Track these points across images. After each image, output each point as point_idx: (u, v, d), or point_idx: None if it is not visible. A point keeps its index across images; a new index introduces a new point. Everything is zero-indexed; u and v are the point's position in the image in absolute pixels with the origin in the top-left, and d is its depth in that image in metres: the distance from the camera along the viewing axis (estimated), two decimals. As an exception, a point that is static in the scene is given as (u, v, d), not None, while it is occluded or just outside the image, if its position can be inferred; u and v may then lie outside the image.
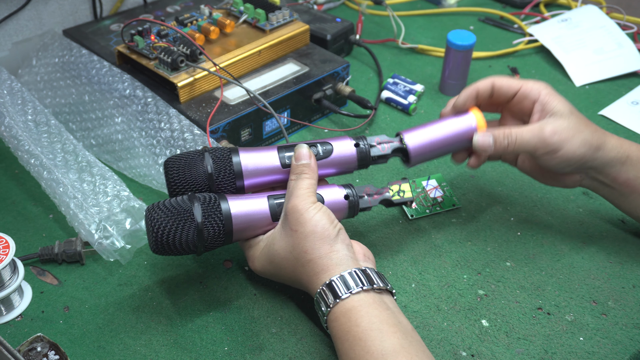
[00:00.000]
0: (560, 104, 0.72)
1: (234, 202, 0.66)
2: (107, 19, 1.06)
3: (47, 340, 0.62)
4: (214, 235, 0.65)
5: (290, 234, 0.64)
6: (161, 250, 0.64)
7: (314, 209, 0.64)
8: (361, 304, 0.59)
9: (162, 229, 0.63)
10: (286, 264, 0.65)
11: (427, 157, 0.75)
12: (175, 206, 0.64)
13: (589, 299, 0.72)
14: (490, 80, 0.75)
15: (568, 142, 0.70)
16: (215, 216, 0.65)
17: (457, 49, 1.00)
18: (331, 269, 0.62)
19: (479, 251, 0.77)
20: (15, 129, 0.82)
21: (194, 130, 0.82)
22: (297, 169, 0.67)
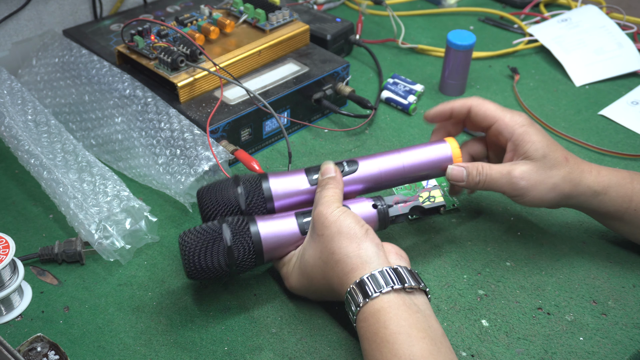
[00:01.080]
0: (533, 147, 0.70)
1: (262, 222, 0.67)
2: (107, 19, 1.06)
3: (47, 340, 0.62)
4: (245, 255, 0.66)
5: (317, 239, 0.64)
6: (195, 273, 0.66)
7: (339, 211, 0.64)
8: (390, 305, 0.58)
9: (192, 251, 0.65)
10: (317, 272, 0.64)
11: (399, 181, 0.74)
12: (205, 229, 0.66)
13: (589, 299, 0.72)
14: (468, 104, 0.74)
15: (535, 188, 0.70)
16: (244, 235, 0.66)
17: (457, 49, 1.00)
18: (360, 267, 0.60)
19: (479, 251, 0.77)
20: (15, 129, 0.82)
21: (194, 130, 0.82)
22: (323, 182, 0.68)
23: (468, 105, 0.74)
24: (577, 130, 0.97)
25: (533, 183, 0.69)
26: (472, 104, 0.74)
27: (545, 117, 0.99)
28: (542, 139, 0.70)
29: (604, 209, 0.72)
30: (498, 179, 0.70)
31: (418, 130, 0.97)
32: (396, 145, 0.94)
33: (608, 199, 0.71)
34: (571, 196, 0.71)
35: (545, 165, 0.70)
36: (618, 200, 0.71)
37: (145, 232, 0.76)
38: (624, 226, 0.73)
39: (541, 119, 0.99)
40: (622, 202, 0.71)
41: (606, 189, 0.71)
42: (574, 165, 0.71)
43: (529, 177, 0.69)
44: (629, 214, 0.71)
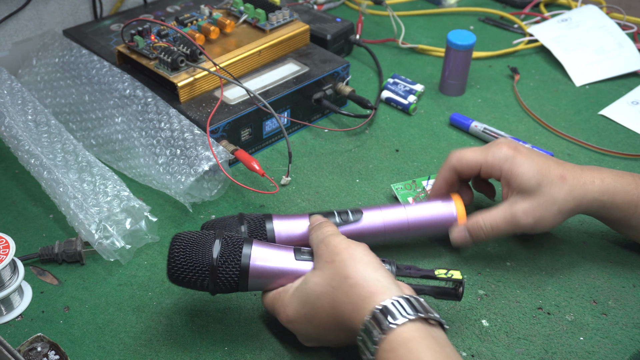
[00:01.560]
0: (524, 178, 0.68)
1: (257, 247, 0.63)
2: (107, 19, 1.06)
3: (47, 340, 0.62)
4: (228, 277, 0.62)
5: (327, 265, 0.59)
6: (176, 281, 0.63)
7: (347, 241, 0.60)
8: (421, 334, 0.52)
9: (178, 261, 0.62)
10: (324, 300, 0.58)
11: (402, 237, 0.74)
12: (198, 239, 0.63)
13: (589, 299, 0.72)
14: (452, 169, 0.73)
15: (542, 220, 0.69)
16: (234, 255, 0.62)
17: (457, 49, 1.00)
18: (380, 292, 0.55)
19: (479, 251, 0.77)
20: (15, 129, 0.82)
21: (194, 130, 0.82)
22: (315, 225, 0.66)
23: (452, 167, 0.73)
24: (577, 130, 0.97)
25: (538, 217, 0.69)
26: (454, 165, 0.73)
27: (545, 117, 0.99)
28: (532, 167, 0.69)
29: (611, 216, 0.71)
30: (503, 227, 0.70)
31: (418, 130, 0.97)
32: (396, 144, 0.94)
33: (615, 207, 0.70)
34: (577, 211, 0.70)
35: (544, 194, 0.68)
36: (624, 207, 0.70)
37: (146, 232, 0.76)
38: (630, 231, 0.73)
39: (541, 119, 0.99)
40: (628, 208, 0.70)
41: (612, 198, 0.69)
42: (573, 181, 0.69)
43: (533, 214, 0.69)
44: (636, 219, 0.71)
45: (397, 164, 0.90)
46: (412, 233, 0.74)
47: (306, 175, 0.88)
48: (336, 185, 0.86)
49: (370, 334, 0.54)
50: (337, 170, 0.89)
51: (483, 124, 0.95)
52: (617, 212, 0.71)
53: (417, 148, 0.93)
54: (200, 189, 0.82)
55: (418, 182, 0.85)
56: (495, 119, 0.99)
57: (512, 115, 1.00)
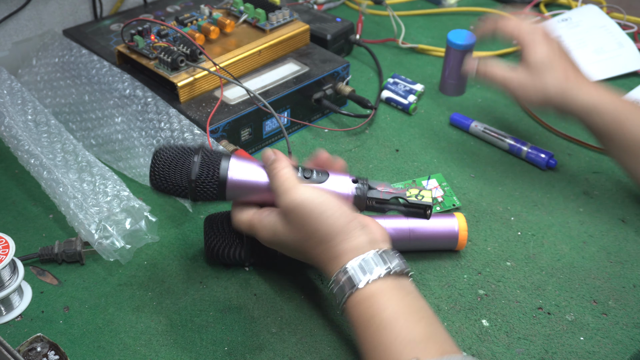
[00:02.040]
0: (532, 53, 0.79)
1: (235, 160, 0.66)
2: (107, 18, 1.06)
3: (47, 340, 0.62)
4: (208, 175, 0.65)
5: (297, 229, 0.62)
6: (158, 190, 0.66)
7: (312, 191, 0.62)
8: (383, 289, 0.58)
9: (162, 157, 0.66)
10: (295, 247, 0.64)
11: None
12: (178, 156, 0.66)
13: (589, 299, 0.72)
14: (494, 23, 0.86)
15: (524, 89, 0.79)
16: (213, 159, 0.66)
17: (457, 49, 1.00)
18: (348, 252, 0.60)
19: (479, 251, 0.77)
20: (15, 128, 0.82)
21: (194, 130, 0.82)
22: (272, 171, 0.65)
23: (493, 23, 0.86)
24: (577, 130, 0.97)
25: (523, 86, 0.79)
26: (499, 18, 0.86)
27: (545, 117, 0.99)
28: (547, 51, 0.80)
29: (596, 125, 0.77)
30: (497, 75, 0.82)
31: (418, 130, 0.97)
32: (396, 144, 0.94)
33: (600, 119, 0.76)
34: (562, 107, 0.79)
35: (538, 71, 0.78)
36: (608, 123, 0.76)
37: (145, 232, 0.76)
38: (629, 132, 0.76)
39: (541, 119, 0.98)
40: (614, 124, 0.76)
41: (596, 103, 0.76)
42: (572, 83, 0.78)
43: (519, 82, 0.80)
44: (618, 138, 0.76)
45: (397, 164, 0.90)
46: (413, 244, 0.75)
47: (306, 175, 0.88)
48: (336, 185, 0.86)
49: (339, 289, 0.59)
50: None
51: (483, 124, 0.95)
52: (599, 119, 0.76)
53: (417, 148, 0.93)
54: (200, 189, 0.82)
55: (418, 182, 0.85)
56: (495, 119, 0.99)
57: (512, 115, 1.00)
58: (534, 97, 0.80)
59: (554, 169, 0.90)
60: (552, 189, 0.86)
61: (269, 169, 0.66)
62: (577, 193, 0.86)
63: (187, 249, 0.77)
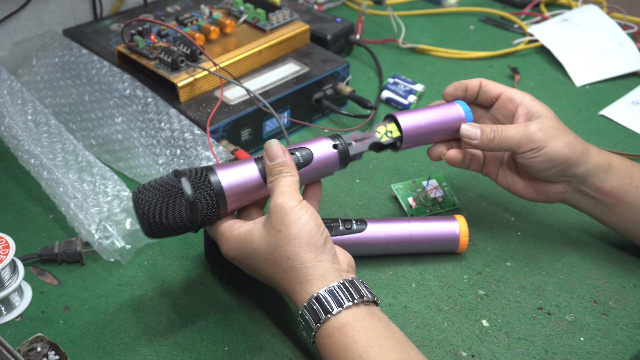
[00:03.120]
0: (544, 109, 0.72)
1: (222, 171, 0.63)
2: (107, 18, 1.06)
3: (47, 341, 0.62)
4: (208, 208, 0.62)
5: (273, 234, 0.60)
6: (155, 232, 0.62)
7: (301, 209, 0.60)
8: (355, 318, 0.57)
9: (152, 210, 0.61)
10: (265, 265, 0.62)
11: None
12: (162, 184, 0.62)
13: (589, 299, 0.72)
14: (478, 80, 0.75)
15: (553, 140, 0.69)
16: (205, 187, 0.62)
17: None
18: (317, 280, 0.59)
19: (479, 251, 0.77)
20: (15, 129, 0.82)
21: (194, 130, 0.82)
22: (275, 170, 0.63)
23: (478, 79, 0.75)
24: (578, 130, 0.97)
25: (550, 135, 0.69)
26: (481, 79, 0.76)
27: (546, 117, 0.99)
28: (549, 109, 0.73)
29: (608, 183, 0.71)
30: (514, 133, 0.70)
31: (418, 130, 0.97)
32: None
33: (612, 171, 0.71)
34: (581, 160, 0.70)
35: (559, 124, 0.71)
36: (620, 174, 0.71)
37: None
38: (626, 210, 0.72)
39: (541, 119, 0.98)
40: (625, 176, 0.71)
41: (609, 161, 0.72)
42: (578, 136, 0.72)
43: (546, 130, 0.70)
44: (632, 191, 0.71)
45: (397, 164, 0.90)
46: (414, 246, 0.75)
47: (306, 175, 0.88)
48: (336, 185, 0.86)
49: (307, 322, 0.58)
50: (337, 171, 0.88)
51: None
52: (614, 178, 0.71)
53: (417, 148, 0.93)
54: (200, 189, 0.82)
55: (418, 182, 0.85)
56: (496, 119, 0.99)
57: (512, 115, 1.00)
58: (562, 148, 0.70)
59: (554, 169, 0.90)
60: (552, 189, 0.86)
61: (274, 167, 0.64)
62: (577, 193, 0.86)
63: (187, 249, 0.77)
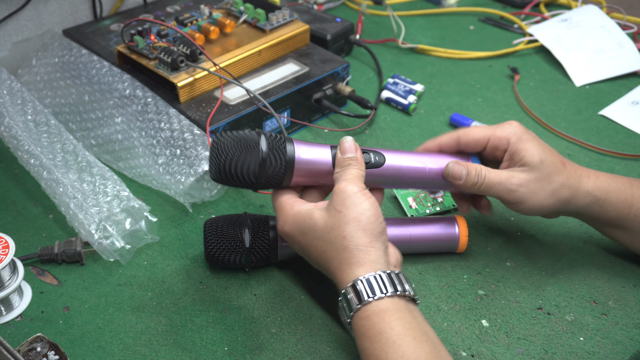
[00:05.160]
0: (529, 153, 0.68)
1: (299, 145, 0.67)
2: (107, 19, 1.06)
3: (47, 341, 0.62)
4: (275, 170, 0.65)
5: (334, 214, 0.62)
6: (221, 177, 0.66)
7: (363, 195, 0.62)
8: (395, 307, 0.58)
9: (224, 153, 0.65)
10: (318, 243, 0.63)
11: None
12: (242, 135, 0.66)
13: (589, 299, 0.72)
14: (455, 136, 0.72)
15: (534, 195, 0.68)
16: (280, 151, 0.65)
17: None
18: (367, 264, 0.60)
19: (479, 251, 0.77)
20: (15, 129, 0.82)
21: (194, 130, 0.82)
22: (344, 162, 0.66)
23: (455, 137, 0.72)
24: (577, 130, 0.97)
25: (532, 190, 0.68)
26: (459, 135, 0.72)
27: (545, 117, 0.99)
28: (538, 145, 0.69)
29: (604, 215, 0.71)
30: (496, 184, 0.69)
31: (418, 130, 0.97)
32: (396, 145, 0.94)
33: (608, 204, 0.70)
34: (570, 202, 0.70)
35: (544, 171, 0.68)
36: (618, 206, 0.70)
37: (145, 232, 0.76)
38: (624, 234, 0.72)
39: (541, 119, 0.98)
40: (622, 207, 0.70)
41: (606, 194, 0.70)
42: (571, 170, 0.70)
43: (527, 184, 0.68)
44: (630, 220, 0.70)
45: (397, 164, 0.90)
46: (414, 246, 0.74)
47: (306, 175, 0.88)
48: (336, 185, 0.86)
49: (349, 301, 0.59)
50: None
51: (483, 124, 0.95)
52: (611, 211, 0.70)
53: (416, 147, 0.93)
54: (200, 189, 0.82)
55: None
56: (495, 119, 0.99)
57: (512, 115, 1.00)
58: (543, 202, 0.69)
59: (553, 169, 0.90)
60: (552, 189, 0.86)
61: (344, 159, 0.66)
62: (577, 193, 0.86)
63: (187, 249, 0.77)
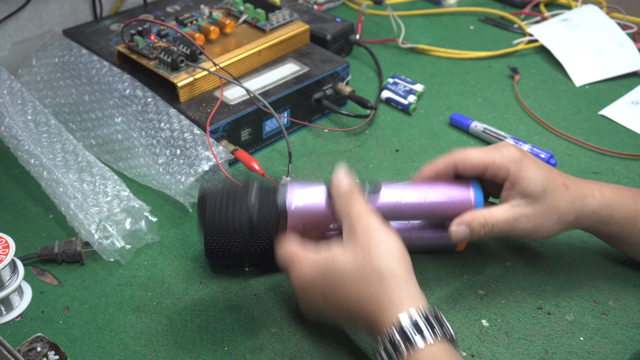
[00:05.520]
0: (531, 183, 0.67)
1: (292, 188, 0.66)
2: (107, 19, 1.06)
3: (47, 341, 0.62)
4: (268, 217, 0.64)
5: (362, 249, 0.58)
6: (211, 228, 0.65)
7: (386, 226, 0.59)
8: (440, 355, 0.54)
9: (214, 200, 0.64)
10: (349, 288, 0.57)
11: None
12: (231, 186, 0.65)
13: (589, 299, 0.72)
14: (452, 163, 0.70)
15: (542, 227, 0.68)
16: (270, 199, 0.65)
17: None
18: (408, 300, 0.55)
19: (479, 251, 0.77)
20: (15, 129, 0.82)
21: (194, 130, 0.82)
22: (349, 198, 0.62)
23: (452, 163, 0.70)
24: (577, 130, 0.97)
25: (539, 223, 0.67)
26: (457, 160, 0.70)
27: (545, 117, 0.99)
28: (539, 172, 0.67)
29: (608, 231, 0.71)
30: (504, 228, 0.67)
31: (418, 130, 0.97)
32: (396, 144, 0.94)
33: (613, 221, 0.69)
34: (575, 223, 0.69)
35: (547, 200, 0.67)
36: (622, 222, 0.69)
37: (145, 232, 0.76)
38: (627, 247, 0.72)
39: (541, 119, 0.99)
40: (627, 224, 0.69)
41: (610, 212, 0.69)
42: (575, 191, 0.68)
43: (534, 219, 0.67)
44: (633, 235, 0.70)
45: (397, 164, 0.90)
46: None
47: (306, 175, 0.88)
48: (336, 185, 0.86)
49: (395, 347, 0.54)
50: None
51: (483, 124, 0.95)
52: (616, 227, 0.70)
53: (417, 148, 0.93)
54: (200, 189, 0.82)
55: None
56: (495, 119, 0.99)
57: (512, 115, 1.00)
58: (551, 230, 0.68)
59: (553, 169, 0.90)
60: (552, 189, 0.86)
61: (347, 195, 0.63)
62: (577, 193, 0.86)
63: (187, 249, 0.77)
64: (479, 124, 0.95)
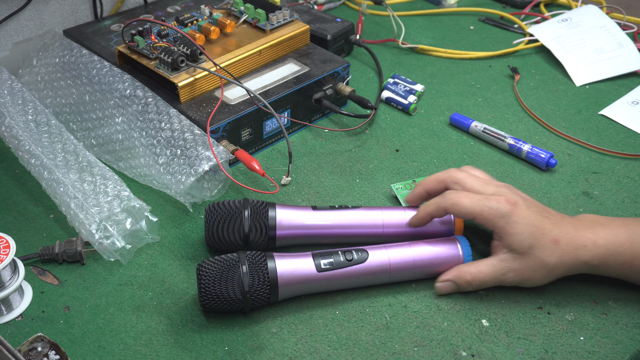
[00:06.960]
0: (517, 239, 0.68)
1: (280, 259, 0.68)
2: (108, 19, 1.06)
3: (48, 340, 0.62)
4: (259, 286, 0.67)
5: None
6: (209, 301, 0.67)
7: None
8: None
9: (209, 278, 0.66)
10: None
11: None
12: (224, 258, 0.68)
13: (589, 299, 0.72)
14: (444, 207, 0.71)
15: (529, 280, 0.69)
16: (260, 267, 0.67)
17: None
18: None
19: (479, 251, 0.77)
20: (15, 129, 0.82)
21: (195, 130, 0.82)
22: None
23: (443, 208, 0.71)
24: (577, 130, 0.97)
25: (526, 277, 0.69)
26: (447, 208, 0.71)
27: (545, 117, 1.00)
28: (525, 229, 0.68)
29: (605, 274, 0.71)
30: (491, 282, 0.70)
31: (418, 130, 0.97)
32: (396, 144, 0.94)
33: (608, 269, 0.69)
34: (568, 273, 0.70)
35: (534, 257, 0.68)
36: (617, 269, 0.69)
37: (146, 232, 0.76)
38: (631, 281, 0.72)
39: (541, 119, 0.99)
40: (622, 269, 0.69)
41: (604, 260, 0.68)
42: (565, 245, 0.68)
43: (522, 274, 0.69)
44: (630, 277, 0.70)
45: (397, 164, 0.90)
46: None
47: (306, 175, 0.88)
48: (336, 185, 0.86)
49: None
50: (337, 170, 0.89)
51: (483, 124, 0.95)
52: (612, 272, 0.70)
53: (417, 148, 0.93)
54: (201, 189, 0.82)
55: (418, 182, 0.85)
56: (496, 119, 0.99)
57: (512, 115, 1.00)
58: (540, 282, 0.70)
59: (554, 169, 0.90)
60: (552, 189, 0.86)
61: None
62: (577, 193, 0.86)
63: (187, 249, 0.77)
64: (479, 124, 0.95)
